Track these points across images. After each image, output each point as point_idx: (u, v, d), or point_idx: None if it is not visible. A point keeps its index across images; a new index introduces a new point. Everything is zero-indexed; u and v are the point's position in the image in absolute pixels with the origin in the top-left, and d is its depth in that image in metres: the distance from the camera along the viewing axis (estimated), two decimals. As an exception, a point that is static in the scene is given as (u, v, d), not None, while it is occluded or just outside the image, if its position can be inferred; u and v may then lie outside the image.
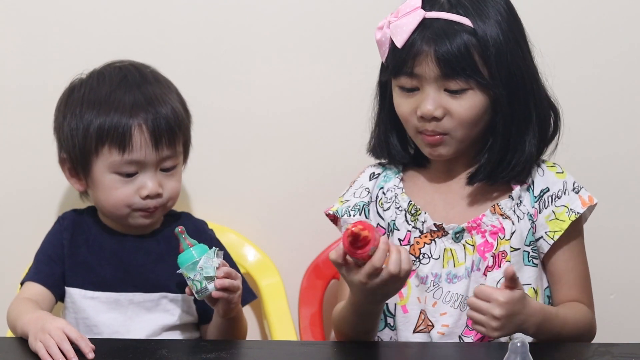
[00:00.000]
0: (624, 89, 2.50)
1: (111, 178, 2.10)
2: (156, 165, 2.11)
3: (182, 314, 2.16)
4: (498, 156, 2.05)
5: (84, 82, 2.16)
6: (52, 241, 2.18)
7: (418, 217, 2.09)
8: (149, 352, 1.91)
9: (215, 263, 2.01)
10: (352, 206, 2.14)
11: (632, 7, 2.48)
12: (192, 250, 2.03)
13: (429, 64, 1.98)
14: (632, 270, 2.56)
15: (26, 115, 2.43)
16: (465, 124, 2.02)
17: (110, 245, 2.16)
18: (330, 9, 2.46)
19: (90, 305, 2.14)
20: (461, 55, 1.97)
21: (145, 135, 2.08)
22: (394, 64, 2.02)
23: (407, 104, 2.03)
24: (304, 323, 2.40)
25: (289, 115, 2.49)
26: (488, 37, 1.98)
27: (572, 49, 2.47)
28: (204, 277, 2.01)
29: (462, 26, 1.98)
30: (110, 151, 2.08)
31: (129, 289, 2.14)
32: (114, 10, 2.43)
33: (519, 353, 1.62)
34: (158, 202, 2.11)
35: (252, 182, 2.50)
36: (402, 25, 1.99)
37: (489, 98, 2.01)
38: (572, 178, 2.11)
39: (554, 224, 2.07)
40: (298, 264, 2.47)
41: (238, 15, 2.46)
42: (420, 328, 2.08)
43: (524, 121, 2.05)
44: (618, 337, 2.35)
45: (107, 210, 2.14)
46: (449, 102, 2.00)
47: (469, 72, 1.98)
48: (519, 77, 2.02)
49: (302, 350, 1.99)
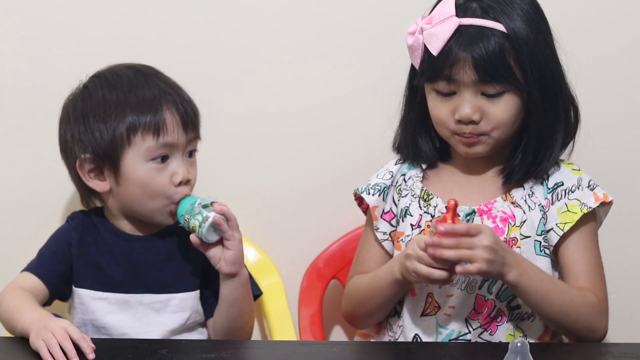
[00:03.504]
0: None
1: (146, 168, 2.09)
2: (184, 148, 2.13)
3: (191, 315, 2.16)
4: (532, 157, 2.10)
5: (97, 84, 2.14)
6: (60, 238, 2.18)
7: (430, 202, 2.13)
8: (149, 352, 1.91)
9: (211, 198, 2.07)
10: (372, 185, 2.19)
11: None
12: (186, 199, 2.09)
13: (466, 70, 2.02)
14: (632, 270, 2.56)
15: (27, 117, 2.43)
16: (502, 125, 2.07)
17: (119, 246, 2.16)
18: (333, 8, 2.46)
19: (99, 307, 2.13)
20: (497, 60, 2.01)
21: (176, 118, 2.11)
22: (431, 70, 2.06)
23: (444, 108, 2.08)
24: (304, 323, 2.40)
25: (289, 115, 2.49)
26: (520, 41, 2.02)
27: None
28: (202, 207, 2.05)
29: (495, 31, 2.02)
30: (144, 138, 2.08)
31: (138, 290, 2.14)
32: (114, 11, 2.43)
33: (519, 353, 1.63)
34: (188, 189, 2.13)
35: (252, 182, 2.51)
36: (437, 33, 2.03)
37: (523, 100, 2.06)
38: (588, 177, 2.15)
39: (565, 216, 2.10)
40: (298, 264, 2.47)
41: (240, 14, 2.45)
42: (427, 311, 2.11)
43: (554, 120, 2.10)
44: (618, 337, 2.36)
45: (141, 204, 2.12)
46: (486, 105, 2.05)
47: (505, 76, 2.02)
48: (550, 77, 2.07)
49: (302, 350, 1.99)
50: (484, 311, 2.08)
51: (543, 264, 2.09)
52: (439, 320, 2.10)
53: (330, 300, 2.47)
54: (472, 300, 2.09)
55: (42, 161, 2.41)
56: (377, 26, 2.45)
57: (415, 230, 2.13)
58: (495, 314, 2.09)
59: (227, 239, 2.07)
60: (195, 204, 2.07)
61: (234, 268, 2.09)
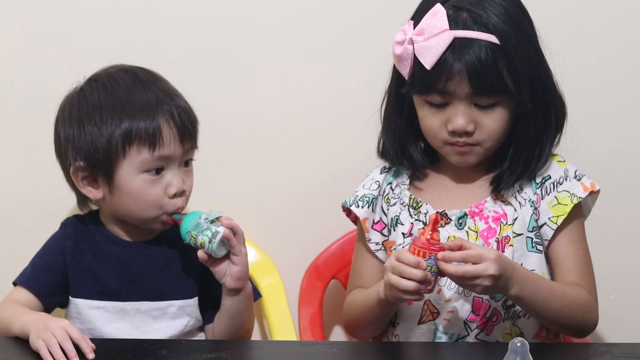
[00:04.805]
0: (627, 82, 2.51)
1: (140, 179, 2.07)
2: (180, 159, 2.10)
3: (189, 321, 2.15)
4: (523, 165, 2.10)
5: (93, 88, 2.11)
6: (54, 248, 2.15)
7: (420, 210, 2.13)
8: (149, 352, 1.91)
9: (216, 213, 2.05)
10: (360, 197, 2.18)
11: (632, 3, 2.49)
12: (188, 215, 2.06)
13: (461, 83, 2.01)
14: (632, 270, 2.56)
15: (25, 118, 2.43)
16: (495, 134, 2.07)
17: (115, 253, 2.14)
18: (333, 8, 2.46)
19: (96, 316, 2.12)
20: (491, 72, 2.01)
21: (173, 130, 2.07)
22: (424, 83, 2.04)
23: (436, 119, 2.07)
24: (304, 323, 2.40)
25: (289, 116, 2.49)
26: (513, 51, 2.02)
27: (574, 43, 2.47)
28: (210, 222, 2.03)
29: (488, 43, 2.01)
30: (139, 151, 2.05)
31: (136, 297, 2.12)
32: (114, 11, 2.43)
33: (519, 353, 1.63)
34: (183, 200, 2.11)
35: (252, 182, 2.50)
36: (430, 47, 2.01)
37: (514, 108, 2.06)
38: (573, 167, 2.15)
39: (556, 209, 2.10)
40: (298, 264, 2.47)
41: (240, 13, 2.45)
42: (423, 319, 2.11)
43: (546, 125, 2.10)
44: (618, 337, 2.36)
45: (135, 214, 2.10)
46: (479, 116, 2.05)
47: (498, 88, 2.02)
48: (540, 83, 2.07)
49: (302, 350, 1.99)
50: (481, 312, 2.09)
51: (535, 260, 2.09)
52: (438, 326, 2.10)
53: (330, 300, 2.47)
54: (470, 303, 2.08)
55: (41, 161, 2.40)
56: (383, 25, 2.43)
57: (408, 239, 2.12)
58: (490, 314, 2.09)
59: (234, 254, 2.05)
60: (202, 219, 2.03)
61: (240, 283, 2.07)
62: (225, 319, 2.12)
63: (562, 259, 2.11)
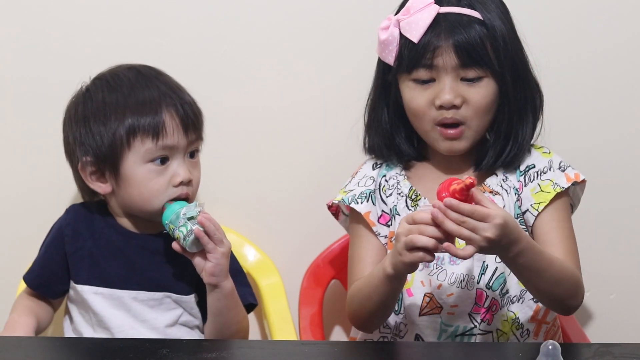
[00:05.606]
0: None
1: (145, 169, 2.10)
2: (185, 150, 2.13)
3: (185, 314, 2.16)
4: (504, 140, 2.14)
5: (98, 87, 2.15)
6: (54, 236, 2.19)
7: (418, 202, 2.16)
8: (150, 351, 1.91)
9: (197, 208, 2.06)
10: (358, 194, 2.19)
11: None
12: (173, 204, 2.08)
13: (448, 55, 2.07)
14: (632, 270, 2.56)
15: (28, 114, 2.44)
16: (481, 111, 2.10)
17: (117, 241, 2.16)
18: (332, 6, 2.46)
19: (95, 301, 2.14)
20: (477, 45, 2.07)
21: (176, 120, 2.11)
22: (411, 59, 2.09)
23: (423, 97, 2.10)
24: (304, 323, 2.40)
25: (289, 115, 2.49)
26: (496, 29, 2.09)
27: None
28: (187, 219, 2.05)
29: (474, 18, 2.08)
30: (143, 141, 2.09)
31: (133, 286, 2.14)
32: (116, 9, 2.43)
33: (550, 355, 1.62)
34: (189, 189, 2.13)
35: (252, 182, 2.50)
36: (416, 21, 2.08)
37: (498, 87, 2.11)
38: (558, 158, 2.19)
39: (538, 196, 2.14)
40: (298, 264, 2.47)
41: (241, 11, 2.45)
42: (425, 311, 2.12)
43: (523, 110, 2.15)
44: (618, 337, 2.36)
45: (140, 206, 2.13)
46: (466, 90, 2.09)
47: (484, 61, 2.08)
48: (520, 65, 2.14)
49: (302, 350, 1.99)
50: (483, 303, 2.10)
51: None
52: (444, 319, 2.12)
53: (331, 300, 2.47)
54: (473, 295, 2.10)
55: (45, 160, 2.41)
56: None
57: None
58: (489, 303, 2.10)
59: (208, 251, 2.07)
60: (181, 214, 2.06)
61: (213, 280, 2.08)
62: (209, 317, 2.14)
63: (546, 233, 2.12)
